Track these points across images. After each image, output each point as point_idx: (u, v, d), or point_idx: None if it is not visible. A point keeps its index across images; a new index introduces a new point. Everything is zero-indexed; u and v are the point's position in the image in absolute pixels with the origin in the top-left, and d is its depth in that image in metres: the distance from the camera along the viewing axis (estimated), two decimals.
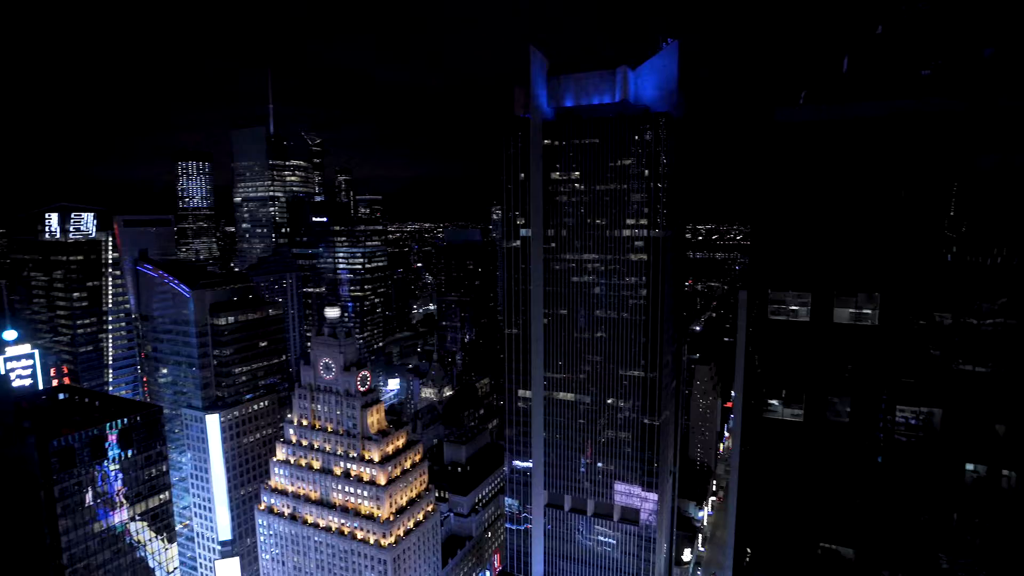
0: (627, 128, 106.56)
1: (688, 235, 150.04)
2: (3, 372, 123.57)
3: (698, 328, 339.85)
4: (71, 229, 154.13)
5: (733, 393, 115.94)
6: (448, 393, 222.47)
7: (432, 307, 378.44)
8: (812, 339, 40.76)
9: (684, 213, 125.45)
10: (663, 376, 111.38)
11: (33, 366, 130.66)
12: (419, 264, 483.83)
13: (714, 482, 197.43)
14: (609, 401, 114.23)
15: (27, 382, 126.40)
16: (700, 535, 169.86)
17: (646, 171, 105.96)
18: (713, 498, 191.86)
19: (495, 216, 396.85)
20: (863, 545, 41.34)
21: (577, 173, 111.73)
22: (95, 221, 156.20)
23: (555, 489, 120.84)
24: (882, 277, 38.61)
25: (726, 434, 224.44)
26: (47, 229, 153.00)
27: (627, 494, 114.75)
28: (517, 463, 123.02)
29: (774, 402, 42.94)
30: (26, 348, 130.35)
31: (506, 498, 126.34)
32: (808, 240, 40.83)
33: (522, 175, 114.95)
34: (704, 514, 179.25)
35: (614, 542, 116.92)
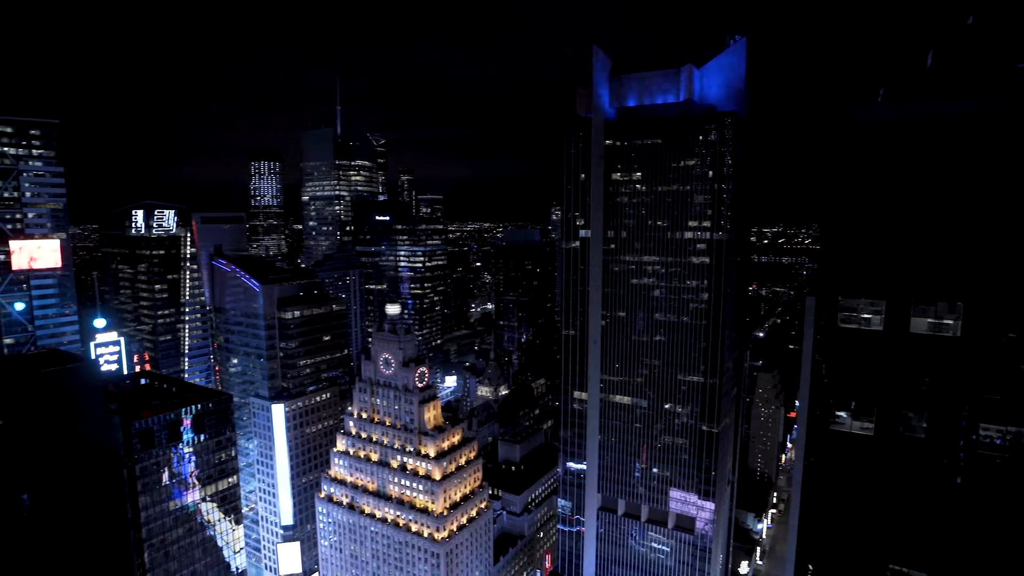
0: (691, 128, 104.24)
1: (753, 238, 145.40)
2: (93, 357, 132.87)
3: (761, 334, 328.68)
4: (154, 225, 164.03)
5: (797, 403, 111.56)
6: (504, 392, 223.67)
7: (490, 306, 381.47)
8: (886, 349, 38.71)
9: (749, 215, 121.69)
10: (723, 382, 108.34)
11: (119, 352, 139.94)
12: (478, 263, 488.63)
13: (774, 494, 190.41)
14: (667, 406, 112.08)
15: (113, 367, 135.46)
16: (758, 548, 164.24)
17: (710, 172, 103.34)
18: (773, 510, 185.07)
19: (554, 217, 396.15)
20: (937, 570, 38.97)
21: (639, 174, 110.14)
22: (176, 218, 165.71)
23: (609, 493, 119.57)
24: (965, 285, 36.22)
25: (788, 445, 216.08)
26: (133, 225, 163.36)
27: (683, 501, 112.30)
28: (571, 465, 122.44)
29: (842, 414, 41.06)
30: (113, 335, 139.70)
31: (559, 499, 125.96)
32: (883, 245, 38.79)
33: (583, 176, 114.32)
34: (763, 526, 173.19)
35: (668, 550, 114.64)
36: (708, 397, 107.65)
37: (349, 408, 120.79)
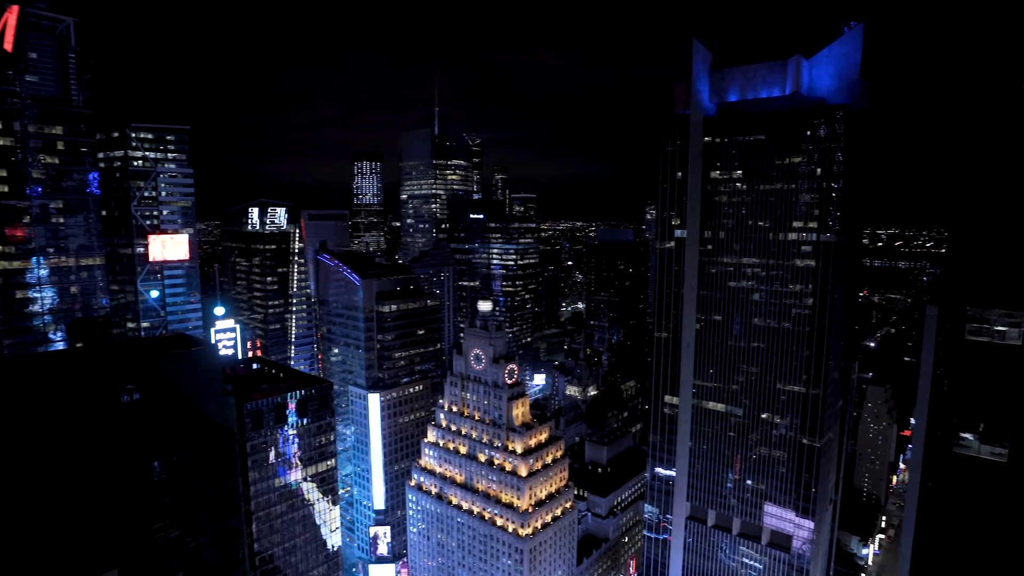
0: (798, 123, 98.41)
1: (865, 240, 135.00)
2: (213, 342, 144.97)
3: (872, 344, 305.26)
4: (268, 222, 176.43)
5: (913, 420, 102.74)
6: (592, 392, 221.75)
7: (581, 305, 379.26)
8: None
9: (861, 216, 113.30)
10: (828, 394, 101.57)
11: (235, 339, 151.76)
12: (570, 262, 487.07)
13: (883, 518, 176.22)
14: (764, 416, 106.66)
15: (230, 351, 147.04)
16: (863, 574, 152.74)
17: (818, 169, 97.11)
18: (881, 536, 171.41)
19: (649, 216, 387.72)
20: None
21: (739, 172, 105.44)
22: (286, 215, 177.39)
23: (698, 502, 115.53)
24: None
25: (901, 465, 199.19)
26: (249, 221, 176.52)
27: (779, 517, 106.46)
28: (659, 470, 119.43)
29: (968, 436, 37.29)
30: (231, 323, 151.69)
31: (646, 505, 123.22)
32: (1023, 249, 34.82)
33: (679, 174, 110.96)
34: (869, 552, 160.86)
35: (761, 567, 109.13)
36: (810, 409, 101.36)
37: (440, 401, 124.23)
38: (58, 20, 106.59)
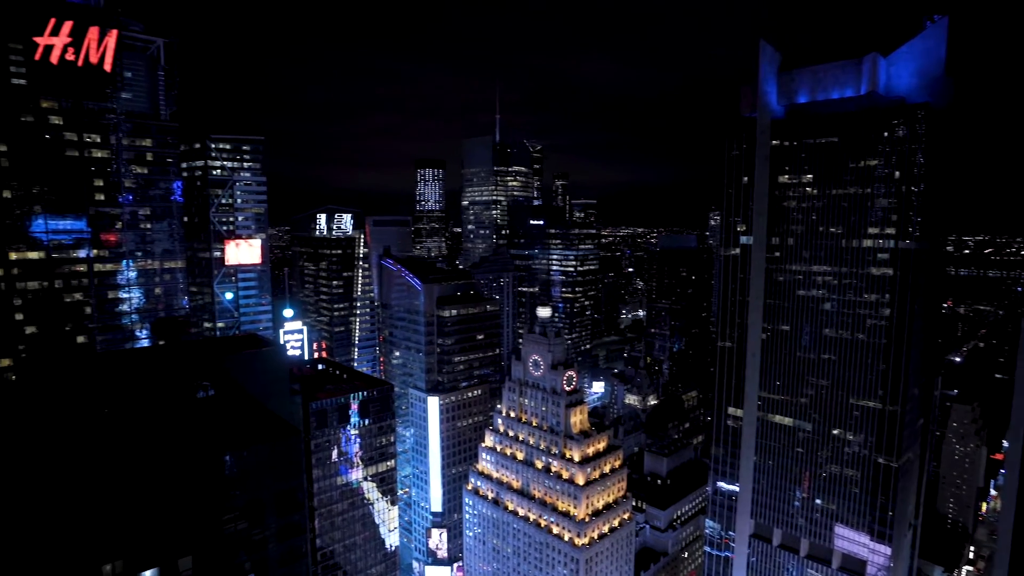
0: (874, 123, 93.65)
1: (950, 247, 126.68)
2: (282, 342, 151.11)
3: (958, 359, 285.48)
4: (335, 228, 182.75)
5: (1006, 443, 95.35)
6: (652, 402, 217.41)
7: (641, 313, 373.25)
8: None
9: (944, 221, 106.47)
10: (906, 411, 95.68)
11: (302, 340, 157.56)
12: (631, 269, 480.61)
13: (971, 548, 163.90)
14: (835, 432, 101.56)
15: (297, 352, 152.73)
16: None
17: (896, 172, 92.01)
18: (969, 567, 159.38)
19: (712, 222, 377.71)
20: None
21: (809, 176, 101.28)
22: (352, 221, 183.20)
23: (763, 519, 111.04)
24: None
25: (992, 492, 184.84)
26: (317, 227, 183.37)
27: (851, 540, 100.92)
28: (722, 485, 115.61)
29: None
30: (298, 324, 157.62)
31: (707, 520, 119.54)
32: None
33: (745, 178, 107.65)
34: None
35: None
36: (887, 426, 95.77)
37: (498, 406, 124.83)
38: (150, 41, 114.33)
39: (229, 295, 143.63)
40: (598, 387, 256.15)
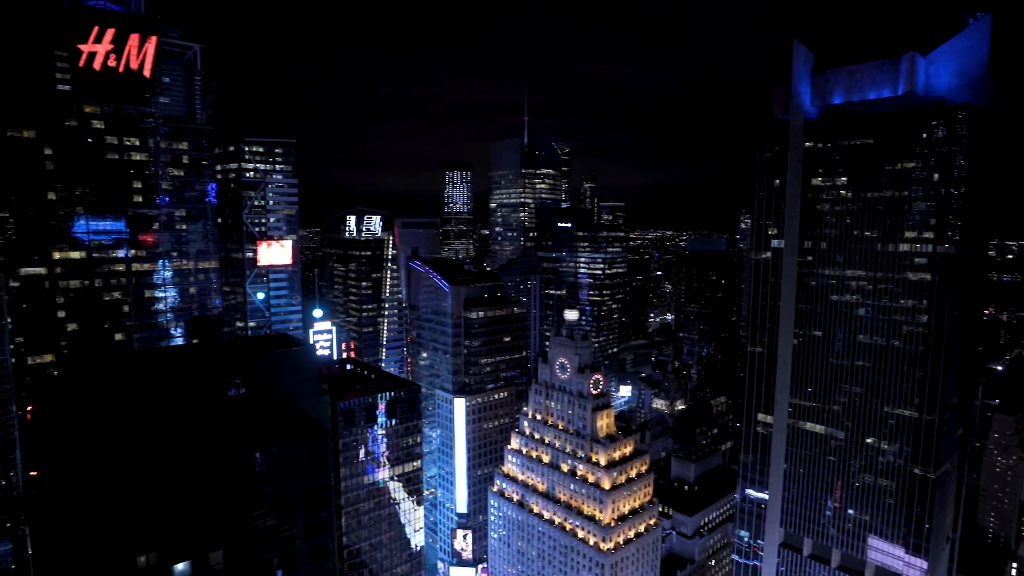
0: (912, 124, 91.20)
1: (992, 252, 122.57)
2: (311, 342, 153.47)
3: (1000, 368, 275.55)
4: (364, 229, 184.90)
5: None
6: (680, 407, 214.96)
7: (670, 317, 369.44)
8: None
9: (986, 225, 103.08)
10: (944, 421, 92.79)
11: (331, 340, 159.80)
12: (659, 272, 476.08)
13: (1014, 565, 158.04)
14: (869, 440, 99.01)
15: (326, 352, 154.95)
16: None
17: (935, 175, 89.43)
18: None
19: (743, 225, 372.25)
20: None
21: (843, 178, 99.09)
22: (381, 223, 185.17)
23: (793, 528, 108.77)
24: None
25: None
26: (347, 229, 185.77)
27: (885, 552, 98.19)
28: (751, 492, 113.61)
29: None
30: (328, 325, 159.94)
31: (736, 528, 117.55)
32: None
33: (777, 181, 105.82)
34: None
35: None
36: (923, 436, 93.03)
37: (524, 408, 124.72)
38: (187, 47, 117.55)
39: (261, 295, 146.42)
40: (625, 391, 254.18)
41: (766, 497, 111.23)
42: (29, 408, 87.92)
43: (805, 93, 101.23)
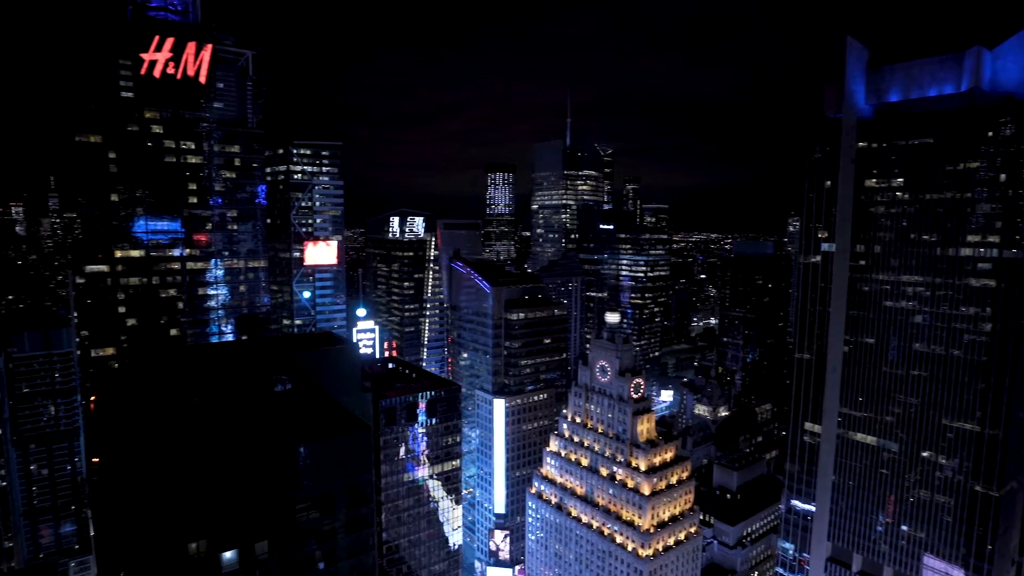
0: (976, 122, 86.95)
1: None
2: (355, 341, 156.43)
3: None
4: (407, 230, 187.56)
5: None
6: (723, 413, 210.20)
7: (713, 321, 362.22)
8: None
9: None
10: (1010, 436, 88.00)
11: (374, 339, 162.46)
12: (703, 275, 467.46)
13: None
14: (924, 454, 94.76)
15: (369, 351, 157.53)
16: None
17: (1001, 175, 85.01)
18: None
19: (791, 228, 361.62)
20: None
21: (900, 180, 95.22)
22: (423, 224, 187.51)
23: (841, 543, 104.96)
24: None
25: None
26: (390, 230, 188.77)
27: (942, 572, 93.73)
28: (796, 503, 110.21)
29: None
30: (371, 324, 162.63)
31: (780, 540, 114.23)
32: None
33: (828, 183, 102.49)
34: None
35: None
36: (986, 451, 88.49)
37: (564, 411, 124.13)
38: (240, 54, 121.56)
39: (307, 294, 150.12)
40: (666, 396, 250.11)
41: (813, 509, 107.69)
42: (92, 398, 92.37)
43: (859, 91, 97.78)
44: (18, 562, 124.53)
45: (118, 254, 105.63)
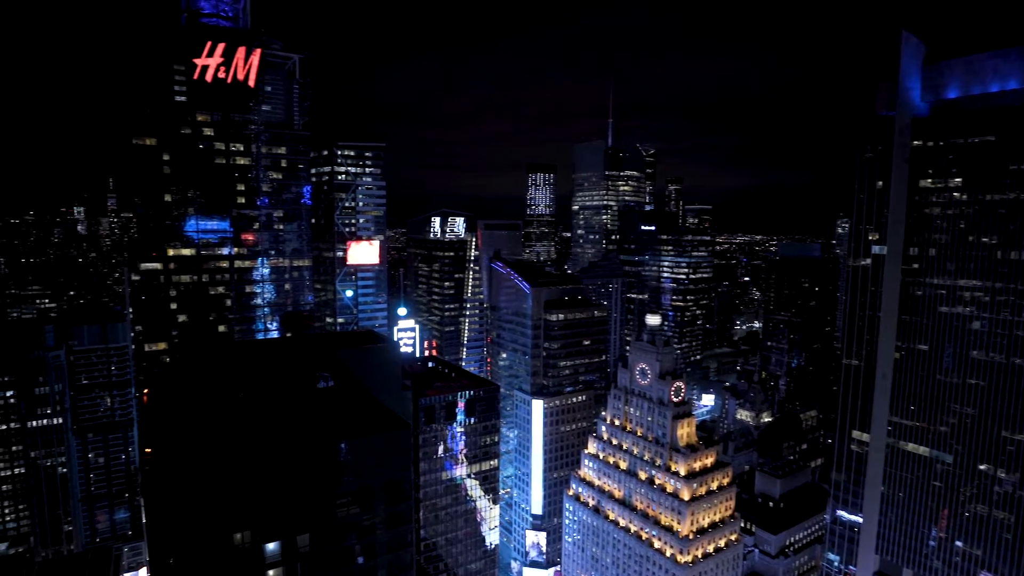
0: None
1: None
2: (395, 339, 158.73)
3: None
4: (448, 231, 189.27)
5: None
6: (766, 419, 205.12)
7: (757, 325, 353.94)
8: None
9: None
10: None
11: (415, 338, 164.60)
12: (747, 278, 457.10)
13: None
14: (982, 467, 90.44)
15: (409, 349, 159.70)
16: None
17: None
18: None
19: (840, 230, 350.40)
20: None
21: (957, 180, 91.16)
22: (464, 224, 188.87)
23: (890, 556, 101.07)
24: None
25: None
26: (431, 230, 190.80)
27: None
28: (842, 514, 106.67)
29: None
30: (411, 323, 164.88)
31: (825, 551, 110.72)
32: None
33: (880, 183, 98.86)
34: None
35: None
36: None
37: (603, 413, 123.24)
38: (287, 58, 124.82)
39: (349, 293, 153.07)
40: (708, 400, 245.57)
41: (860, 520, 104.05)
42: (145, 391, 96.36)
43: (914, 88, 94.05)
44: (77, 545, 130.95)
45: (170, 252, 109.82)
